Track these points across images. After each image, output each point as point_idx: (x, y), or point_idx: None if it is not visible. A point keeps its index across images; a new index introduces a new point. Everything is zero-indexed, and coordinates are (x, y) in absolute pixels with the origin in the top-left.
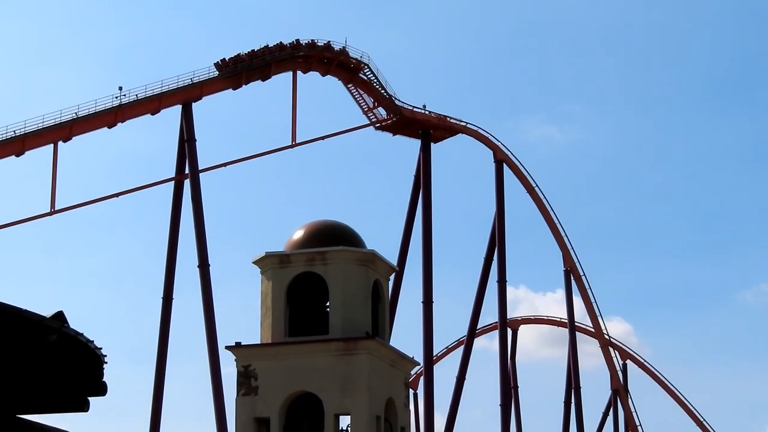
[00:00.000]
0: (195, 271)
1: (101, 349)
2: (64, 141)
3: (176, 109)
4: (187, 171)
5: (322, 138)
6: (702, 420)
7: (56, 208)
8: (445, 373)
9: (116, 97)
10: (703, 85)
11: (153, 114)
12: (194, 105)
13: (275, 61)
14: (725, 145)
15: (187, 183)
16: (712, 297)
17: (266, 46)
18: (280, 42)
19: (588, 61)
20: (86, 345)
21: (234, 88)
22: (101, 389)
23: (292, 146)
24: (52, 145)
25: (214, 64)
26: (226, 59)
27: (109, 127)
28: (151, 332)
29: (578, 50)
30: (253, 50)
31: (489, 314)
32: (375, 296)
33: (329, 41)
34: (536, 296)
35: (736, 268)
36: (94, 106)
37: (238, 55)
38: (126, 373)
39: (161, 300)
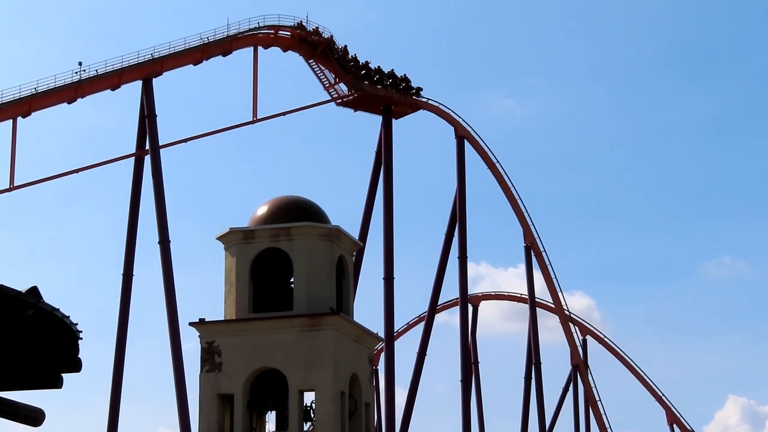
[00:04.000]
0: (156, 247)
1: (77, 324)
2: (24, 116)
3: (137, 85)
4: (147, 147)
5: (283, 114)
6: (661, 395)
7: (15, 184)
8: (406, 349)
9: (76, 73)
10: (664, 58)
11: (113, 89)
12: (155, 80)
13: (236, 36)
14: (686, 119)
15: (147, 159)
16: (675, 270)
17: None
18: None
19: (549, 34)
20: (62, 320)
21: (195, 64)
22: (76, 365)
23: (253, 122)
24: (11, 120)
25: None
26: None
27: (69, 103)
28: (112, 308)
29: (539, 23)
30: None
31: (451, 290)
32: (339, 272)
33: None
34: (498, 272)
35: (698, 241)
36: (53, 82)
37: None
38: (86, 349)
39: (121, 276)
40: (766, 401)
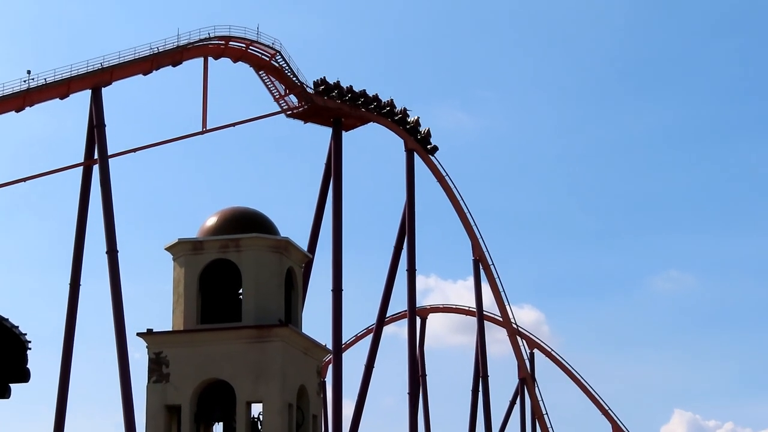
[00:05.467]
0: (104, 257)
1: (25, 335)
2: None
3: (86, 94)
4: (96, 156)
5: (233, 125)
6: (607, 408)
7: None
8: (354, 361)
9: (24, 81)
10: (611, 74)
11: (62, 99)
12: (104, 90)
13: (186, 47)
14: (637, 133)
15: (96, 168)
16: (623, 283)
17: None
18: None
19: (500, 47)
20: (11, 330)
21: (144, 74)
22: (24, 376)
23: (202, 132)
24: None
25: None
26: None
27: (17, 111)
28: (59, 318)
29: (490, 37)
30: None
31: (399, 302)
32: (288, 284)
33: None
34: (447, 284)
35: (647, 255)
36: (1, 90)
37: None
38: (32, 358)
39: (68, 286)
40: (712, 416)
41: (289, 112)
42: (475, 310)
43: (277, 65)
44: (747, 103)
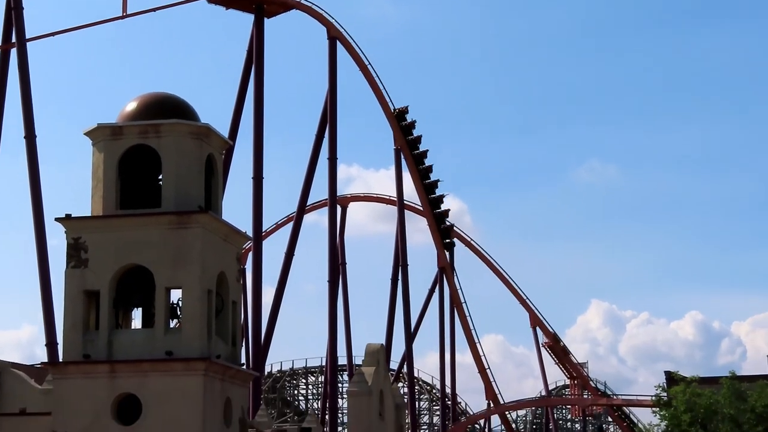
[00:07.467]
0: (22, 141)
1: None
2: None
3: None
4: (14, 40)
5: (154, 10)
6: (525, 298)
7: None
8: (274, 249)
9: None
10: None
11: None
12: None
13: None
14: (557, 25)
15: (13, 52)
16: (546, 175)
17: None
18: None
19: None
20: None
21: None
22: None
23: (122, 17)
24: None
25: None
26: None
27: None
28: None
29: None
30: None
31: (322, 191)
32: (208, 170)
33: None
34: (369, 173)
35: (569, 146)
36: None
37: None
38: None
39: None
40: (628, 306)
41: None
42: (396, 199)
43: None
44: None
